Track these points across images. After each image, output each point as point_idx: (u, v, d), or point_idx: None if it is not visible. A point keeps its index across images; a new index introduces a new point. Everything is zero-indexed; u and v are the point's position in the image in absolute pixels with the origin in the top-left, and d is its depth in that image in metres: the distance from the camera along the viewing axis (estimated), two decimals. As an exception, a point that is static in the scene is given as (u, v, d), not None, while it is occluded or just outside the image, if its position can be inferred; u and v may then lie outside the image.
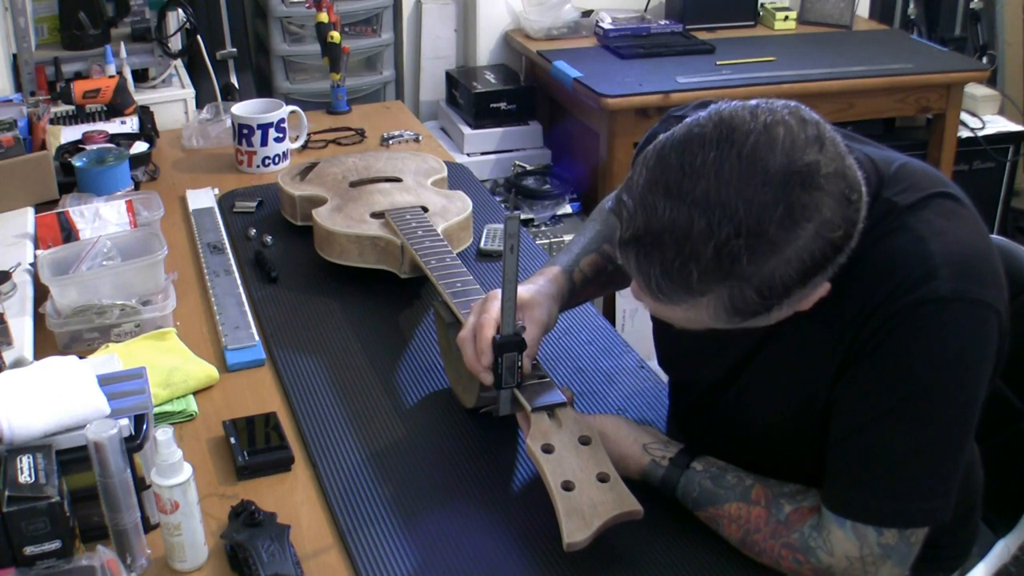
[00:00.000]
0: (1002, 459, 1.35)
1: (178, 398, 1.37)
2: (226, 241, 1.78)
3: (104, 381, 1.16)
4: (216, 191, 1.99)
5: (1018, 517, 1.36)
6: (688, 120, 0.97)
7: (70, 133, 2.11)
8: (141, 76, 2.58)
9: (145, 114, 2.27)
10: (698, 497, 1.13)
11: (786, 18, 3.21)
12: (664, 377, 1.42)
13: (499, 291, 1.16)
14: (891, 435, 1.02)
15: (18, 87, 2.46)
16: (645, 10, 3.29)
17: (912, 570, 1.10)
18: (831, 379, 1.06)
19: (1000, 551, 1.36)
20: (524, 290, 1.25)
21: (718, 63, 2.86)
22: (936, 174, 1.10)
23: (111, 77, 2.29)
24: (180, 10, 2.55)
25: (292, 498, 1.21)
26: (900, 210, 1.04)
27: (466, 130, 2.99)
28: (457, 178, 2.00)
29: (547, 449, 1.10)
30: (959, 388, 1.01)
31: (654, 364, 1.45)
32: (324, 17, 2.32)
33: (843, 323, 1.04)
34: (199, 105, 2.54)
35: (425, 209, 1.69)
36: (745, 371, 1.16)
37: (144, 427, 1.12)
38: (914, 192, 1.05)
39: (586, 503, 1.04)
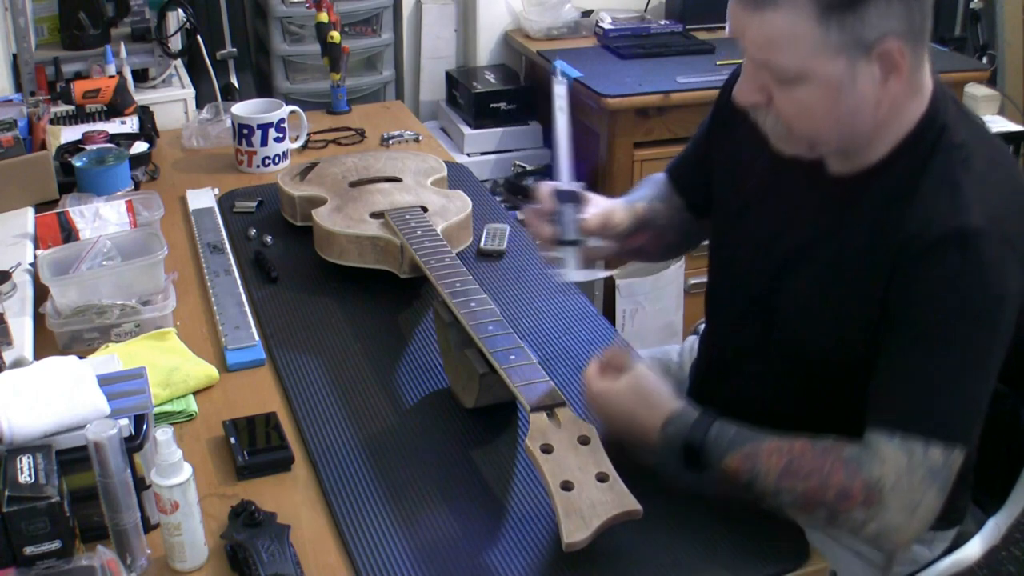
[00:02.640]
0: (987, 440, 1.37)
1: (178, 398, 1.37)
2: (226, 241, 1.79)
3: (104, 381, 1.16)
4: (216, 191, 1.99)
5: (1005, 496, 1.39)
6: None
7: (70, 133, 2.11)
8: (141, 76, 2.58)
9: (145, 114, 2.27)
10: (733, 438, 1.15)
11: (786, 18, 3.21)
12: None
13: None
14: (933, 356, 1.10)
15: (18, 87, 2.46)
16: (645, 10, 3.29)
17: None
18: (875, 298, 1.14)
19: (991, 530, 1.38)
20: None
21: (718, 63, 2.86)
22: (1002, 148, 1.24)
23: (111, 77, 2.29)
24: (180, 10, 2.56)
25: (292, 498, 1.21)
26: (954, 146, 1.15)
27: (466, 130, 2.98)
28: (457, 178, 2.00)
29: (546, 449, 1.10)
30: (999, 319, 1.10)
31: (656, 352, 1.46)
32: (324, 17, 2.32)
33: (888, 245, 1.13)
34: (199, 105, 2.54)
35: (425, 209, 1.69)
36: (789, 277, 1.24)
37: (144, 427, 1.12)
38: (974, 133, 1.18)
39: (585, 503, 1.04)
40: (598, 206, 1.33)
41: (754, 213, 1.34)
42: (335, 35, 2.32)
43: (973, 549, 1.38)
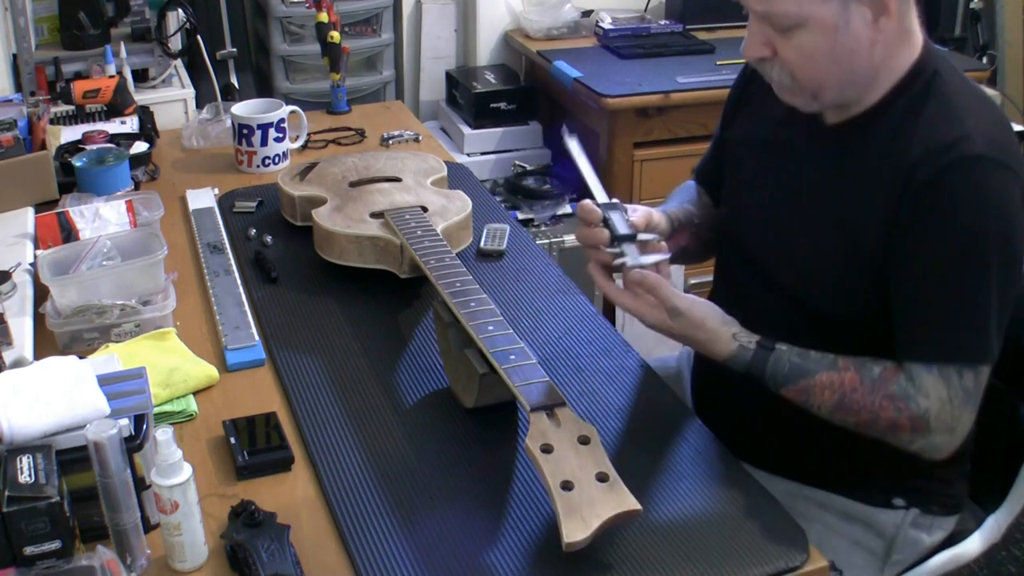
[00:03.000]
0: (986, 438, 1.40)
1: (178, 398, 1.37)
2: (226, 241, 1.79)
3: (104, 381, 1.16)
4: (216, 191, 1.99)
5: (1004, 494, 1.40)
6: None
7: (70, 133, 2.11)
8: (141, 76, 2.59)
9: (145, 114, 2.27)
10: (789, 373, 1.24)
11: (786, 18, 3.21)
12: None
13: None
14: (952, 284, 1.18)
15: (18, 87, 2.47)
16: (645, 10, 3.30)
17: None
18: (879, 241, 1.21)
19: (990, 528, 1.40)
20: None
21: (718, 63, 2.86)
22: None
23: (111, 77, 2.29)
24: (180, 10, 2.56)
25: (292, 498, 1.21)
26: (946, 84, 1.23)
27: (466, 130, 2.99)
28: (457, 178, 2.00)
29: (546, 449, 1.10)
30: (1009, 236, 1.17)
31: (654, 363, 1.46)
32: (324, 17, 2.32)
33: (892, 180, 1.19)
34: (199, 105, 2.54)
35: (425, 209, 1.69)
36: (792, 242, 1.32)
37: (144, 427, 1.12)
38: (963, 80, 1.26)
39: (585, 503, 1.04)
40: (637, 210, 1.39)
41: (757, 190, 1.40)
42: (335, 35, 2.32)
43: (972, 545, 1.39)
